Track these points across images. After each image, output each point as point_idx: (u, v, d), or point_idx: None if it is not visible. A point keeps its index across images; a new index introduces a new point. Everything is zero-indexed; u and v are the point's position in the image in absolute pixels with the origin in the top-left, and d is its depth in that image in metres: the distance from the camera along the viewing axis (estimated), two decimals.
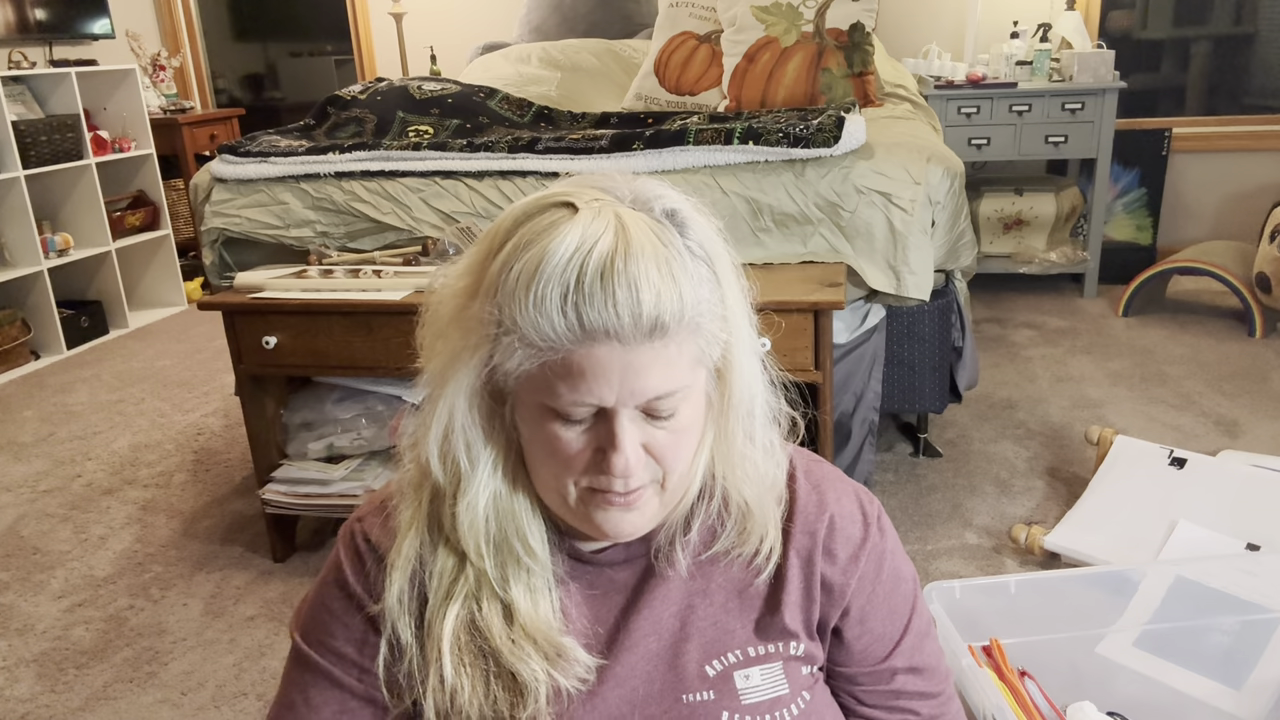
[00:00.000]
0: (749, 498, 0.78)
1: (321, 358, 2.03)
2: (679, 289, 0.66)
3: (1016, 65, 3.69)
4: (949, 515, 2.23)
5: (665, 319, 0.65)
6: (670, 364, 0.67)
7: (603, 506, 0.72)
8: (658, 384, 0.67)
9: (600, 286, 0.64)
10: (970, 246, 2.27)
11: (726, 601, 0.81)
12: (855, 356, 2.16)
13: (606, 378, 0.66)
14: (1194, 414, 2.69)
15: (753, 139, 2.03)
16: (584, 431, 0.69)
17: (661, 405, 0.69)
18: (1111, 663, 1.50)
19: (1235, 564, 1.56)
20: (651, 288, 0.64)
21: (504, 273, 0.66)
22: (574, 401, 0.67)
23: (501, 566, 0.75)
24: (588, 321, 0.64)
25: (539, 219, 0.68)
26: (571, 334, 0.64)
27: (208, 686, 1.80)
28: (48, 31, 4.14)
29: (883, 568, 0.83)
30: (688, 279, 0.67)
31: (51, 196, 3.99)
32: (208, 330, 3.99)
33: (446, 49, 4.47)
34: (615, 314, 0.64)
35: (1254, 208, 3.94)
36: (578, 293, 0.64)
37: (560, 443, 0.69)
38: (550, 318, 0.64)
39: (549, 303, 0.64)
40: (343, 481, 2.10)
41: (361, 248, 2.24)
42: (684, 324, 0.66)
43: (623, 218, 0.66)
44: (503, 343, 0.67)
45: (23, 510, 2.55)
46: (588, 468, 0.70)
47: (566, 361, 0.66)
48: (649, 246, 0.65)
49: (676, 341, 0.67)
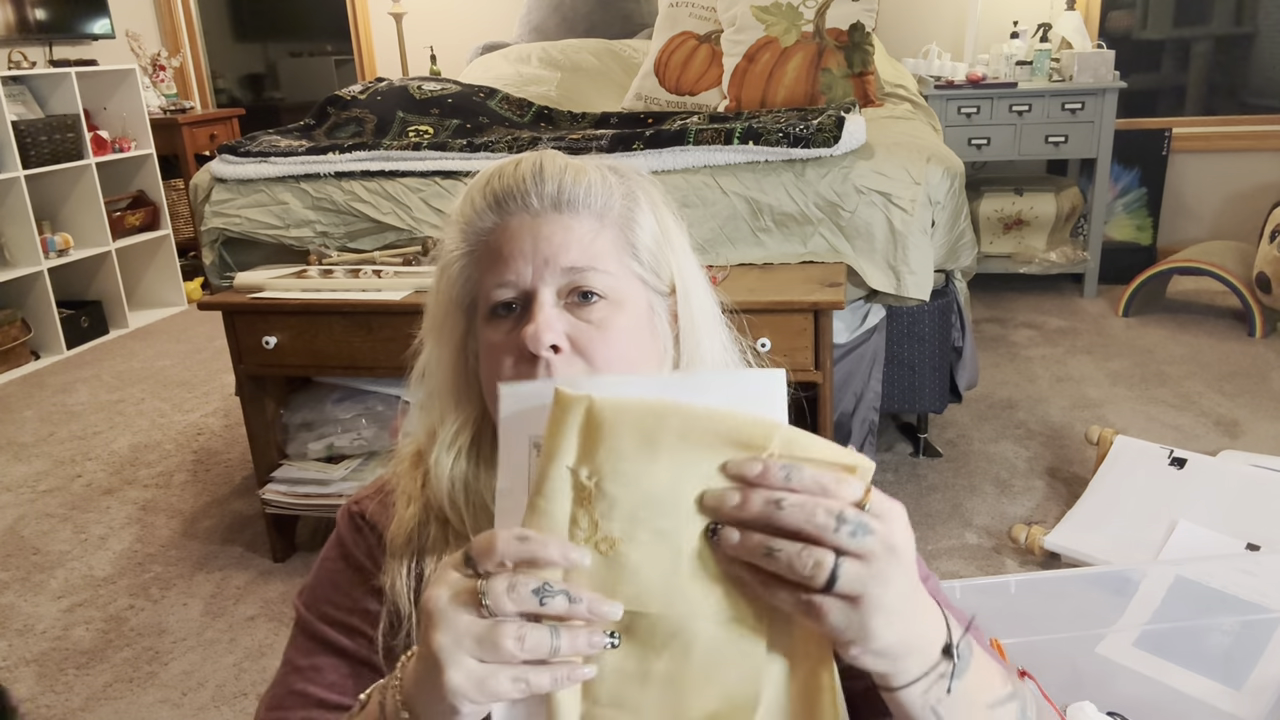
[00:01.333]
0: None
1: (321, 358, 2.03)
2: (587, 176, 0.72)
3: (1016, 65, 3.69)
4: (949, 515, 2.23)
5: (567, 191, 0.72)
6: (582, 241, 0.72)
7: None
8: (571, 256, 0.71)
9: (514, 168, 0.73)
10: (970, 246, 2.27)
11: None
12: (855, 356, 2.16)
13: (519, 249, 0.71)
14: (1194, 414, 2.69)
15: (753, 139, 2.03)
16: (510, 330, 0.72)
17: (583, 280, 0.71)
18: (1111, 663, 1.50)
19: (1235, 564, 1.56)
20: (556, 166, 0.72)
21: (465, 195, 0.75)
22: (497, 284, 0.71)
23: (474, 515, 0.76)
24: (500, 191, 0.72)
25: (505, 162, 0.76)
26: (489, 210, 0.72)
27: (208, 686, 1.80)
28: (48, 31, 4.14)
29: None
30: (600, 178, 0.73)
31: (51, 196, 3.99)
32: (208, 330, 3.99)
33: (446, 49, 4.47)
34: (520, 180, 0.71)
35: (1254, 208, 3.94)
36: (496, 178, 0.73)
37: (494, 347, 0.72)
38: (473, 202, 0.73)
39: (474, 192, 0.73)
40: (343, 481, 2.09)
41: (361, 248, 2.24)
42: (591, 207, 0.72)
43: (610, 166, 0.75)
44: (455, 266, 0.74)
45: (23, 510, 2.55)
46: (516, 356, 0.71)
47: (487, 245, 0.72)
48: (569, 158, 0.73)
49: (587, 222, 0.72)
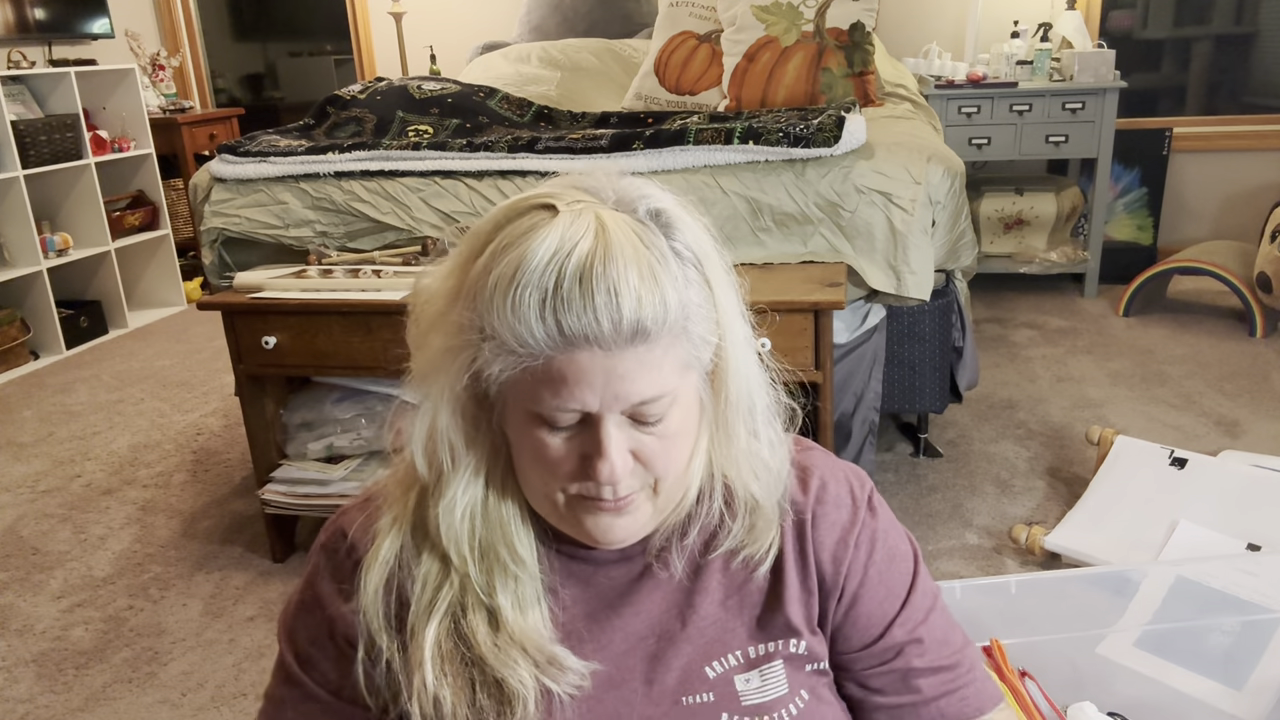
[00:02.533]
0: (757, 494, 0.77)
1: (321, 358, 2.03)
2: (661, 292, 0.64)
3: (1017, 65, 3.69)
4: (949, 515, 2.23)
5: (647, 323, 0.64)
6: (655, 368, 0.66)
7: (593, 512, 0.71)
8: (643, 389, 0.66)
9: (579, 291, 0.62)
10: (970, 246, 2.27)
11: (726, 599, 0.79)
12: (855, 356, 2.16)
13: (589, 383, 0.65)
14: (1194, 414, 2.68)
15: (753, 139, 2.03)
16: (569, 438, 0.68)
17: (648, 410, 0.67)
18: (1112, 663, 1.50)
19: (1236, 564, 1.55)
20: (632, 291, 0.63)
21: (484, 277, 0.65)
22: (558, 407, 0.66)
23: (488, 573, 0.74)
24: (567, 328, 0.63)
25: (519, 221, 0.67)
26: (551, 340, 0.63)
27: (207, 687, 1.80)
28: (47, 31, 4.13)
29: (875, 548, 0.81)
30: (671, 281, 0.65)
31: (51, 196, 3.99)
32: (207, 330, 3.98)
33: (446, 49, 4.47)
34: (595, 319, 0.62)
35: (1254, 207, 3.94)
36: (555, 298, 0.62)
37: (547, 449, 0.68)
38: (529, 324, 0.63)
39: (527, 309, 0.63)
40: (342, 481, 2.09)
41: (361, 248, 2.24)
42: (667, 328, 0.65)
43: (604, 219, 0.65)
44: (485, 349, 0.66)
45: (22, 510, 2.55)
46: (575, 474, 0.69)
47: (548, 368, 0.65)
48: (629, 248, 0.64)
49: (661, 346, 0.65)
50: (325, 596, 0.79)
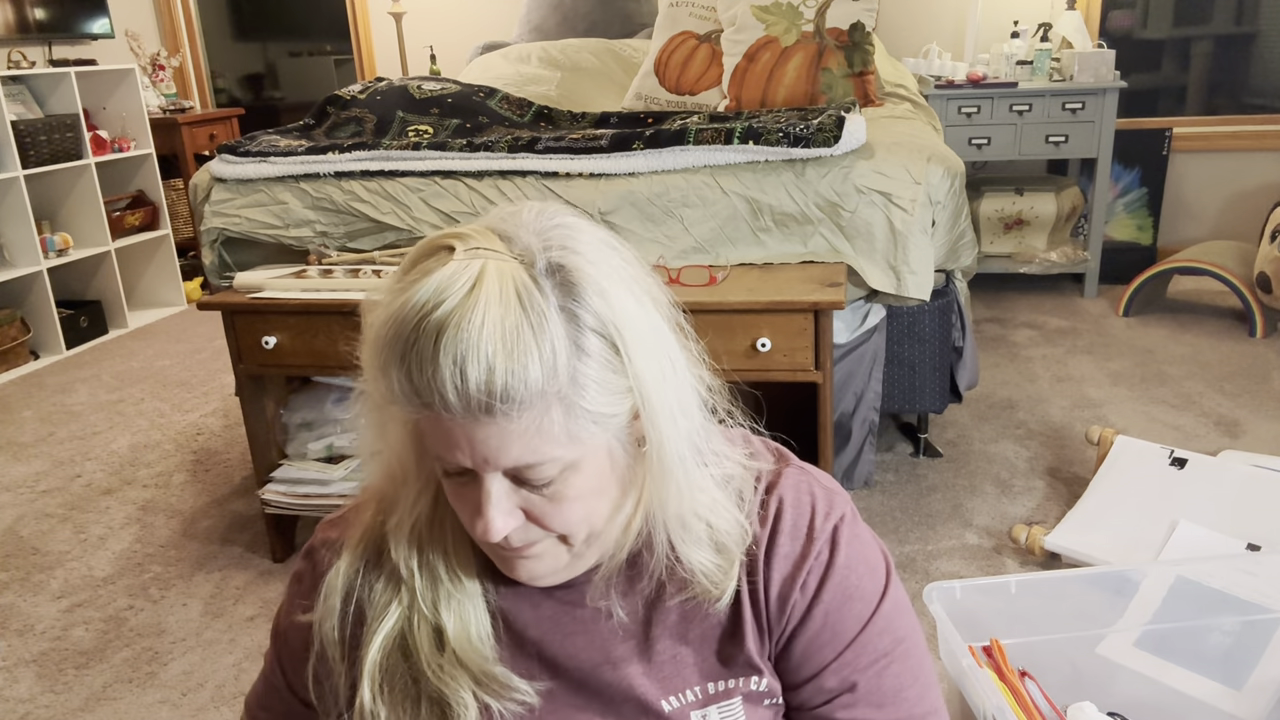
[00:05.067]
0: (707, 543, 0.73)
1: (321, 358, 2.03)
2: (523, 364, 0.58)
3: (1017, 65, 3.69)
4: (949, 515, 2.23)
5: (495, 397, 0.59)
6: (524, 437, 0.61)
7: (505, 559, 0.71)
8: (516, 455, 0.62)
9: (430, 353, 0.58)
10: (970, 246, 2.27)
11: (685, 632, 0.75)
12: (855, 356, 2.16)
13: (455, 445, 0.62)
14: (1194, 414, 2.68)
15: (753, 139, 2.03)
16: (465, 484, 0.67)
17: (530, 475, 0.64)
18: (1112, 663, 1.50)
19: (1236, 564, 1.55)
20: (482, 361, 0.58)
21: (376, 315, 0.63)
22: (441, 458, 0.65)
23: (433, 590, 0.73)
24: (419, 389, 0.59)
25: (424, 262, 0.62)
26: (409, 399, 0.60)
27: (207, 686, 1.80)
28: (47, 31, 4.13)
29: (826, 586, 0.74)
30: (540, 353, 0.59)
31: (51, 196, 3.99)
32: (207, 330, 3.98)
33: (446, 49, 4.47)
34: (440, 386, 0.58)
35: (1254, 208, 3.94)
36: (410, 355, 0.59)
37: (454, 494, 0.68)
38: (389, 379, 0.60)
39: (388, 361, 0.60)
40: (342, 481, 2.09)
41: (361, 248, 2.24)
42: (528, 402, 0.59)
43: (486, 272, 0.59)
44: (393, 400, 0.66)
45: (22, 510, 2.55)
46: (477, 519, 0.67)
47: (419, 421, 0.64)
48: (496, 310, 0.58)
49: (527, 418, 0.60)
50: (294, 607, 0.82)
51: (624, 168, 2.10)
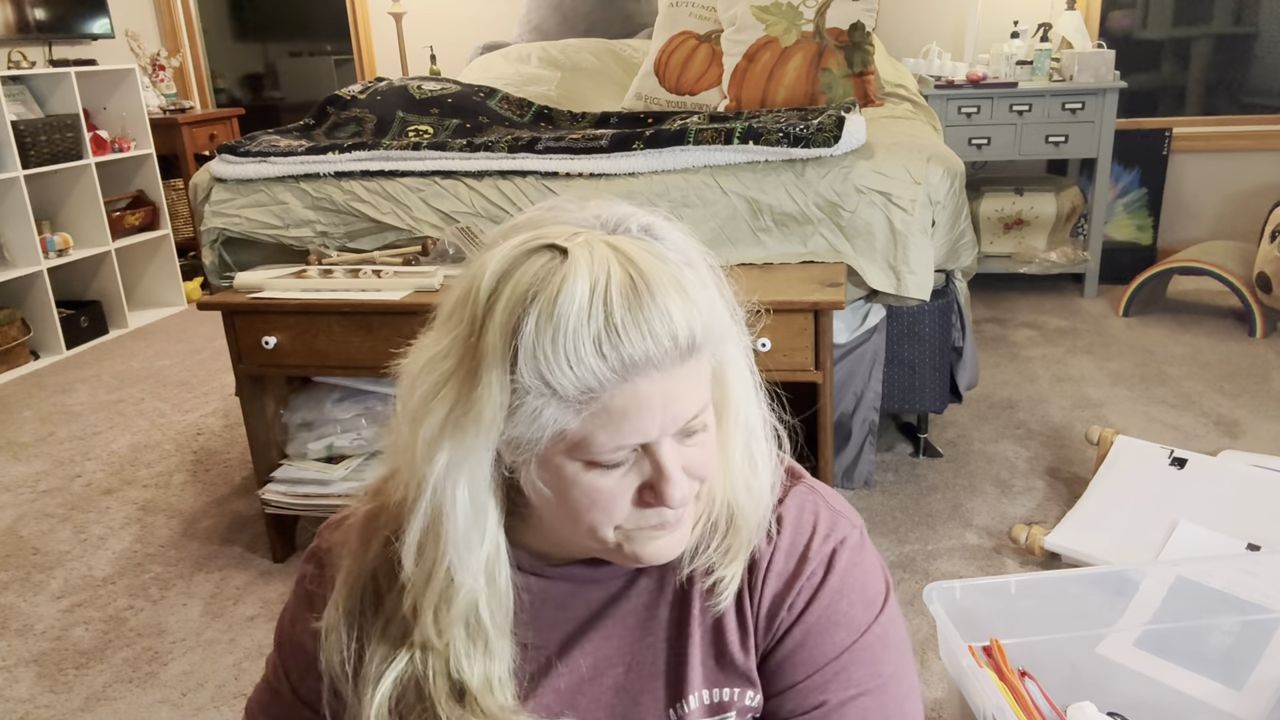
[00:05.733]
0: (742, 509, 0.74)
1: (321, 358, 2.03)
2: (696, 302, 0.63)
3: (1017, 65, 3.69)
4: (949, 515, 2.23)
5: (696, 334, 0.63)
6: (699, 381, 0.66)
7: (650, 538, 0.69)
8: (691, 404, 0.65)
9: (633, 319, 0.60)
10: (970, 246, 2.27)
11: (691, 631, 0.76)
12: (855, 356, 2.16)
13: (650, 412, 0.63)
14: (1194, 414, 2.69)
15: (753, 139, 2.03)
16: (624, 474, 0.66)
17: (695, 423, 0.66)
18: (1112, 663, 1.50)
19: (1236, 564, 1.56)
20: (678, 307, 0.62)
21: (513, 338, 0.62)
22: (617, 447, 0.64)
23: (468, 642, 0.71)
24: (628, 357, 0.60)
25: (524, 270, 0.63)
26: (614, 375, 0.61)
27: (207, 686, 1.80)
28: (47, 31, 4.13)
29: (811, 609, 0.74)
30: (696, 289, 0.64)
31: (51, 196, 3.99)
32: (207, 330, 3.98)
33: (446, 49, 4.47)
34: (654, 343, 0.61)
35: (1254, 208, 3.94)
36: (610, 332, 0.60)
37: (601, 493, 0.66)
38: (588, 365, 0.60)
39: (584, 350, 0.60)
40: (343, 481, 2.09)
41: (361, 248, 2.24)
42: (710, 335, 0.64)
43: (615, 245, 0.63)
44: (522, 412, 0.63)
45: (22, 510, 2.55)
46: (632, 510, 0.68)
47: (607, 407, 0.62)
48: (658, 267, 0.63)
49: (703, 355, 0.65)
50: (301, 615, 0.82)
51: (624, 168, 2.10)
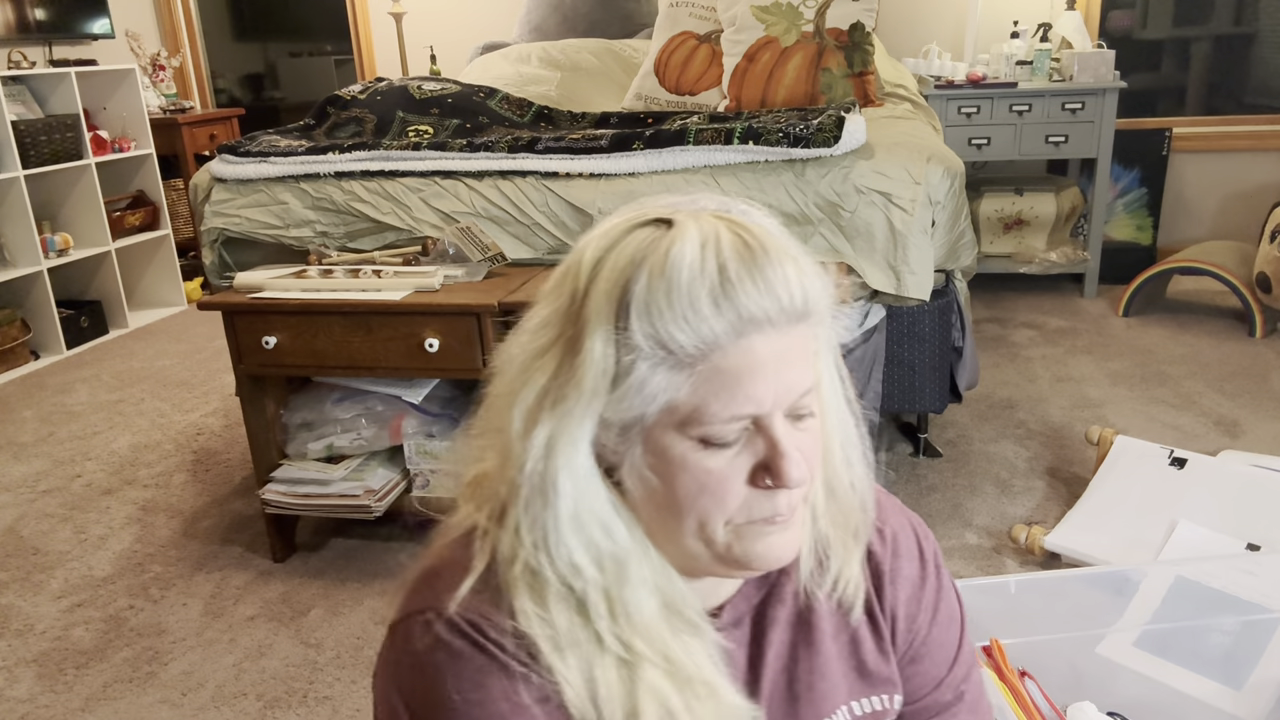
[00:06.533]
0: (846, 507, 0.73)
1: (321, 358, 2.03)
2: (806, 270, 0.62)
3: (1017, 65, 3.69)
4: (949, 515, 2.23)
5: (810, 297, 0.61)
6: (809, 353, 0.64)
7: (762, 534, 0.65)
8: (801, 376, 0.62)
9: (747, 272, 0.59)
10: (970, 246, 2.27)
11: (824, 650, 0.75)
12: (855, 356, 2.16)
13: (763, 373, 0.60)
14: (1194, 414, 2.69)
15: (753, 139, 2.03)
16: (735, 456, 0.62)
17: (804, 402, 0.63)
18: (1112, 663, 1.50)
19: (1236, 564, 1.56)
20: (795, 266, 0.61)
21: (621, 298, 0.60)
22: (730, 416, 0.60)
23: (668, 642, 0.65)
24: (744, 309, 0.59)
25: (627, 240, 0.62)
26: (729, 329, 0.59)
27: (208, 686, 1.80)
28: (47, 31, 4.13)
29: (939, 608, 0.80)
30: (805, 259, 0.63)
31: (51, 196, 3.99)
32: (208, 330, 3.98)
33: (446, 49, 4.47)
34: (772, 295, 0.59)
35: (1254, 208, 3.94)
36: (725, 284, 0.59)
37: (712, 475, 0.62)
38: (704, 316, 0.58)
39: (700, 302, 0.58)
40: (342, 481, 2.09)
41: (361, 248, 2.24)
42: (819, 306, 0.63)
43: (721, 216, 0.63)
44: (630, 382, 0.60)
45: (23, 510, 2.55)
46: (745, 498, 0.63)
47: (720, 368, 0.59)
48: (765, 232, 0.62)
49: (812, 324, 0.63)
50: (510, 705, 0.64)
51: (624, 168, 2.10)
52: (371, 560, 2.19)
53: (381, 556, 2.21)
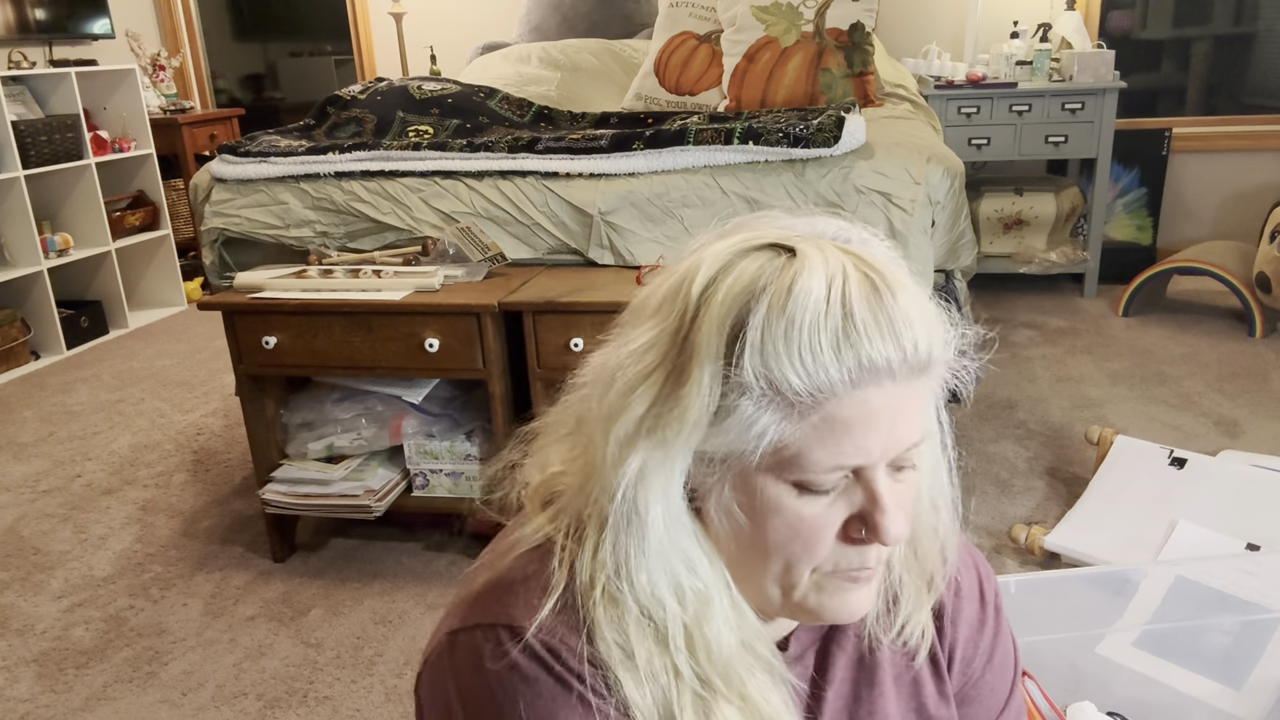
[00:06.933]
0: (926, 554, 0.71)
1: (321, 358, 2.03)
2: (930, 315, 0.59)
3: (1016, 65, 3.69)
4: None
5: (935, 348, 0.58)
6: (925, 406, 0.61)
7: (842, 589, 0.63)
8: (912, 430, 0.59)
9: (873, 320, 0.55)
10: (970, 246, 2.27)
11: (886, 694, 0.74)
12: None
13: (875, 426, 0.57)
14: (1194, 414, 2.69)
15: (753, 139, 2.03)
16: (830, 504, 0.60)
17: (910, 455, 0.60)
18: (1111, 663, 1.50)
19: (1235, 564, 1.56)
20: (922, 318, 0.57)
21: (736, 333, 0.56)
22: (834, 466, 0.57)
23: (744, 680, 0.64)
24: (866, 359, 0.55)
25: (745, 265, 0.58)
26: (846, 378, 0.55)
27: (208, 686, 1.80)
28: (48, 31, 4.13)
29: (995, 652, 0.78)
30: (929, 302, 0.59)
31: (51, 196, 3.99)
32: (208, 330, 3.99)
33: (446, 49, 4.47)
34: (896, 347, 0.56)
35: (1254, 208, 3.94)
36: (849, 330, 0.55)
37: (805, 522, 0.59)
38: (823, 363, 0.55)
39: (819, 347, 0.55)
40: (343, 481, 2.09)
41: (361, 248, 2.24)
42: (942, 355, 0.59)
43: (845, 249, 0.59)
44: (734, 418, 0.57)
45: (23, 510, 2.55)
46: (834, 546, 0.61)
47: (832, 417, 0.56)
48: (893, 272, 0.58)
49: (932, 378, 0.60)
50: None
51: (624, 168, 2.10)
52: (371, 560, 2.19)
53: (381, 556, 2.21)
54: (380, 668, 1.82)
